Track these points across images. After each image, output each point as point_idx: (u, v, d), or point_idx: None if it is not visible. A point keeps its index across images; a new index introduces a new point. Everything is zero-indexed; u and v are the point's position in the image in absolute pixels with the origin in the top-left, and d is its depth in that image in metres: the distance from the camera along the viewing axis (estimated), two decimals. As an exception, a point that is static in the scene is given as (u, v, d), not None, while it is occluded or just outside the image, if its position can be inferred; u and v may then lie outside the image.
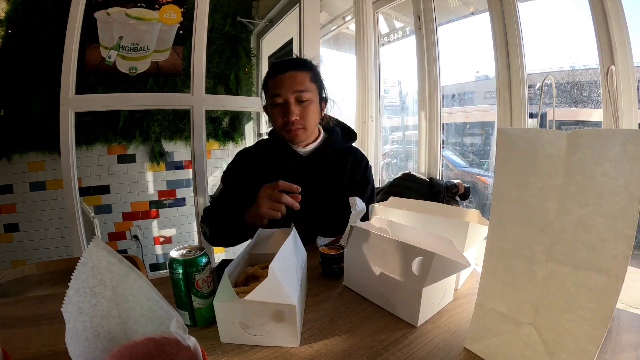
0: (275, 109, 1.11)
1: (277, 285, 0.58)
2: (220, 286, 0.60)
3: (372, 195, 1.28)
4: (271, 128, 1.26)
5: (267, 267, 0.73)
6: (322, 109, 1.20)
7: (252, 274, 0.73)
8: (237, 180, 1.18)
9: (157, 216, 2.85)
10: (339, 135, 1.25)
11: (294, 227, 0.82)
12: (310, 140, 1.20)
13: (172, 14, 1.85)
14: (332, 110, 1.27)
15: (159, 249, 2.88)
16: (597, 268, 0.45)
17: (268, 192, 0.93)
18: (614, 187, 0.43)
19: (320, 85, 1.17)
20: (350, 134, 1.28)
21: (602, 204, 0.44)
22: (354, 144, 1.31)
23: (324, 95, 1.19)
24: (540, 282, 0.51)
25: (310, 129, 1.15)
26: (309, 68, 1.14)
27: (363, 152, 1.32)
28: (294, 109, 1.09)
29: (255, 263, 0.79)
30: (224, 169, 1.24)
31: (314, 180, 1.16)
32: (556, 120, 1.79)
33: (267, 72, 1.15)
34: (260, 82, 3.14)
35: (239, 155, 1.24)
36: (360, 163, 1.27)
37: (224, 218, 1.08)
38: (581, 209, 0.46)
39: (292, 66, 1.11)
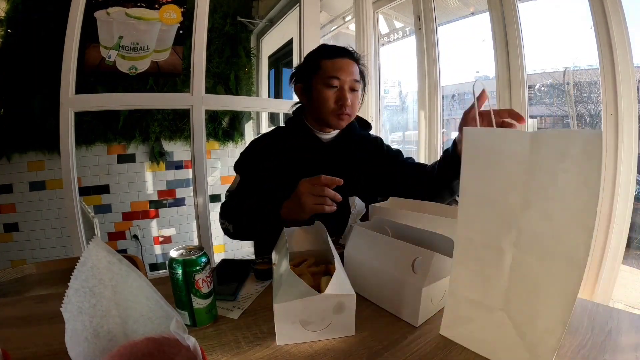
0: (329, 91, 1.11)
1: (343, 277, 0.62)
2: (281, 288, 0.60)
3: (405, 157, 1.29)
4: (289, 116, 1.26)
5: (304, 265, 0.79)
6: None
7: (299, 274, 0.72)
8: (255, 168, 1.15)
9: (156, 216, 2.85)
10: (356, 124, 1.26)
11: (322, 225, 0.85)
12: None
13: (172, 14, 1.85)
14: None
15: (158, 249, 2.88)
16: (561, 256, 0.47)
17: (309, 187, 0.91)
18: (575, 183, 0.46)
19: (363, 82, 1.20)
20: (366, 123, 1.31)
21: (564, 198, 0.47)
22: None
23: (362, 91, 1.22)
24: (508, 270, 0.54)
25: (352, 118, 1.18)
26: (360, 62, 1.17)
27: (375, 135, 1.34)
28: (349, 96, 1.11)
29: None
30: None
31: (335, 167, 1.15)
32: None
33: (320, 52, 1.15)
34: (261, 82, 3.15)
35: (254, 143, 1.22)
36: (377, 143, 1.29)
37: (251, 213, 1.05)
38: (544, 203, 0.49)
39: (351, 55, 1.14)
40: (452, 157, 1.00)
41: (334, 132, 1.21)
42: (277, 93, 3.08)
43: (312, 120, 1.19)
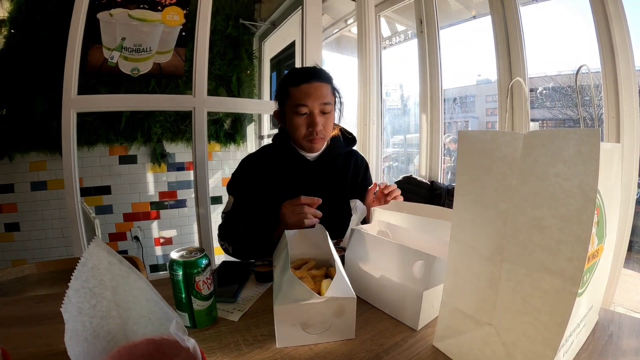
0: (299, 118, 1.11)
1: (343, 280, 0.62)
2: (282, 291, 0.61)
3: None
4: (275, 133, 1.27)
5: (305, 267, 0.79)
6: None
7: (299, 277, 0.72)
8: (246, 189, 1.18)
9: (157, 217, 2.85)
10: (341, 140, 1.26)
11: (323, 227, 0.87)
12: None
13: (175, 16, 1.86)
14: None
15: (159, 250, 2.88)
16: (552, 270, 0.44)
17: (290, 208, 0.97)
18: (568, 188, 0.43)
19: (336, 97, 1.19)
20: (351, 138, 1.30)
21: (556, 205, 0.44)
22: (353, 148, 1.33)
23: (339, 106, 1.21)
24: (497, 282, 0.50)
25: (327, 139, 1.18)
26: (330, 80, 1.16)
27: (363, 155, 1.36)
28: (319, 120, 1.10)
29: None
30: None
31: (321, 185, 1.19)
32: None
33: (288, 79, 1.14)
34: (263, 85, 3.16)
35: (244, 162, 1.23)
36: (361, 166, 1.31)
37: (248, 236, 1.09)
38: (535, 210, 0.46)
39: (317, 77, 1.12)
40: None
41: (319, 151, 1.22)
42: (279, 95, 3.08)
43: (294, 142, 1.20)
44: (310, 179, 1.19)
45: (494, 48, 1.88)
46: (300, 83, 1.10)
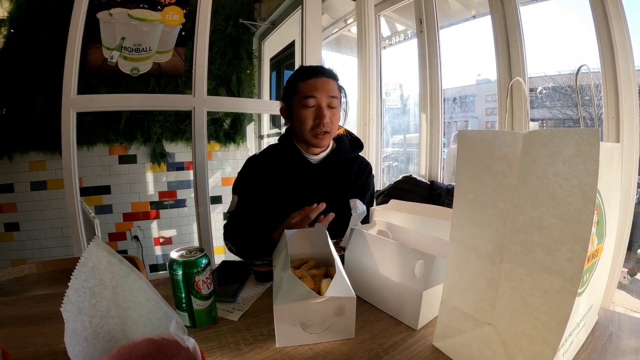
0: (306, 110, 1.13)
1: (343, 280, 0.62)
2: (282, 290, 0.61)
3: (370, 202, 1.31)
4: (276, 132, 1.28)
5: (304, 267, 0.78)
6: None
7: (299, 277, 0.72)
8: (249, 190, 1.19)
9: (157, 217, 2.85)
10: (347, 145, 1.27)
11: (323, 227, 0.87)
12: (323, 148, 1.22)
13: (175, 15, 1.85)
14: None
15: (159, 250, 2.87)
16: (552, 270, 0.44)
17: (297, 218, 1.00)
18: (568, 188, 0.42)
19: (343, 96, 1.21)
20: (358, 144, 1.30)
21: (555, 205, 0.44)
22: (360, 153, 1.33)
23: (344, 106, 1.23)
24: (497, 282, 0.50)
25: (332, 135, 1.19)
26: (336, 78, 1.19)
27: (369, 161, 1.35)
28: (326, 113, 1.12)
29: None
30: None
31: (322, 188, 1.19)
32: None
33: (296, 76, 1.17)
34: (263, 84, 3.15)
35: (249, 162, 1.25)
36: (364, 171, 1.30)
37: (250, 235, 1.12)
38: (534, 210, 0.46)
39: (324, 73, 1.15)
40: None
41: (323, 154, 1.22)
42: (279, 95, 3.08)
43: (299, 141, 1.21)
44: (311, 182, 1.19)
45: (494, 48, 1.88)
46: (308, 78, 1.13)
